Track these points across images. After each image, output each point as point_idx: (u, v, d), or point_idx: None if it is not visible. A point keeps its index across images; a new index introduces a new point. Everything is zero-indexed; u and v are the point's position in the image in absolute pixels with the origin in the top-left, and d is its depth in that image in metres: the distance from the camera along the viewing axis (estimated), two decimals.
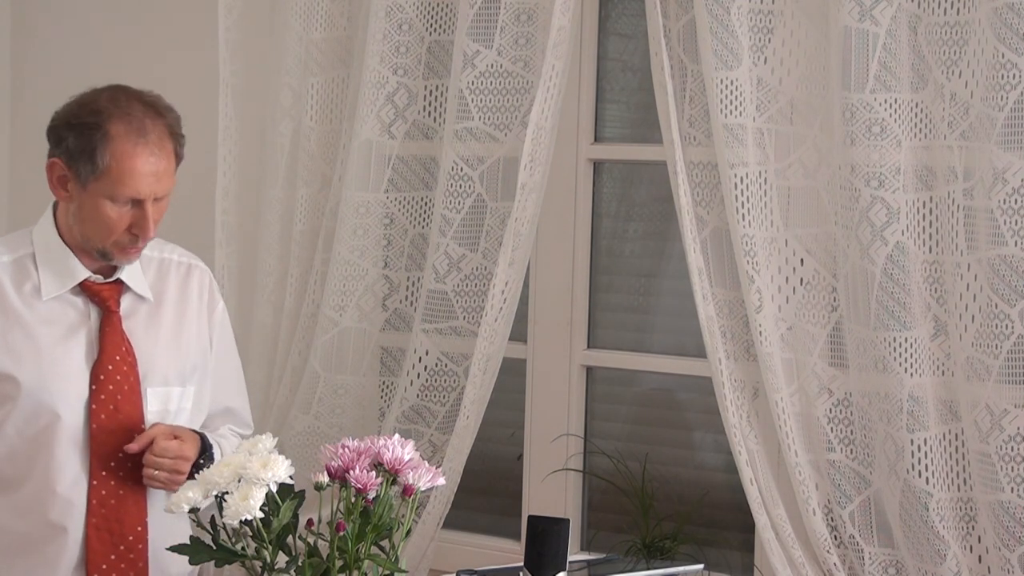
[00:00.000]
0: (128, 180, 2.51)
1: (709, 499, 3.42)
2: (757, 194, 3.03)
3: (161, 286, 2.72)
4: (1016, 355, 2.82)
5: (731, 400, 3.07)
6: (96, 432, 2.59)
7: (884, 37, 2.88)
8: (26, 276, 2.61)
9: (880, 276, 2.91)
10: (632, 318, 3.57)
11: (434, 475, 2.24)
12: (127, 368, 2.62)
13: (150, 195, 2.53)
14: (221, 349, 2.81)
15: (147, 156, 2.52)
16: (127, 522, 2.60)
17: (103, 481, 2.59)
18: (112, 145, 2.50)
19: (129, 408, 2.61)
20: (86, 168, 2.51)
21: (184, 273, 2.76)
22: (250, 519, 2.14)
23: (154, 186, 2.53)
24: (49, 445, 2.58)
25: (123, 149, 2.50)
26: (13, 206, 4.15)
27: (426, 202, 3.46)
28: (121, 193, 2.52)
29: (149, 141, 2.53)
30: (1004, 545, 2.84)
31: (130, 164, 2.51)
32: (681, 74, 3.11)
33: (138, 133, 2.52)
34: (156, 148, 2.53)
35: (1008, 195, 2.79)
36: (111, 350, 2.61)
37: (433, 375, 3.40)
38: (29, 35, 4.10)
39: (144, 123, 2.53)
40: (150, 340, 2.66)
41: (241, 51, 3.58)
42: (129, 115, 2.53)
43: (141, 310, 2.68)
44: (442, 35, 3.41)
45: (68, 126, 2.54)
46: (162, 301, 2.71)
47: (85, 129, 2.51)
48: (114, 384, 2.60)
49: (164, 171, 2.55)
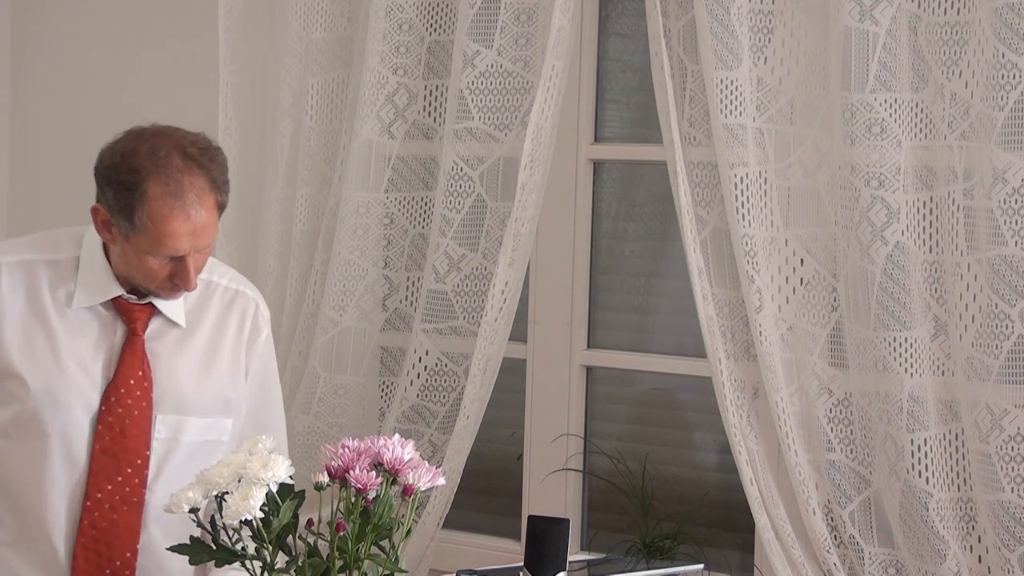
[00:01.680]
0: (165, 240, 2.46)
1: (709, 499, 3.42)
2: (757, 194, 3.03)
3: (201, 310, 2.65)
4: (1016, 355, 2.82)
5: (731, 400, 3.07)
6: (98, 454, 2.55)
7: (884, 37, 2.88)
8: (63, 280, 2.58)
9: (880, 276, 2.91)
10: (632, 318, 3.57)
11: (434, 475, 2.24)
12: (140, 393, 2.57)
13: (189, 251, 2.48)
14: (258, 381, 2.72)
15: (184, 217, 2.45)
16: (116, 546, 2.56)
17: (97, 503, 2.55)
18: (148, 207, 2.44)
19: (135, 433, 2.56)
20: (124, 224, 2.47)
21: (229, 299, 2.68)
22: (250, 519, 2.14)
23: (193, 243, 2.48)
24: (47, 454, 2.55)
25: (159, 212, 2.44)
26: (13, 206, 4.15)
27: (426, 202, 3.46)
28: (159, 252, 2.47)
29: (186, 202, 2.45)
30: (1004, 545, 2.84)
31: (167, 226, 2.45)
32: (681, 74, 3.11)
33: (175, 195, 2.44)
34: (193, 208, 2.45)
35: (1008, 195, 2.79)
36: (127, 372, 2.56)
37: (433, 375, 3.40)
38: (29, 35, 4.10)
39: (182, 182, 2.45)
40: (173, 365, 2.60)
41: (241, 51, 3.58)
42: (167, 174, 2.45)
43: (171, 334, 2.61)
44: (442, 35, 3.41)
45: (108, 181, 2.49)
46: (198, 326, 2.64)
47: (122, 188, 2.46)
48: (124, 408, 2.56)
49: (203, 226, 2.47)
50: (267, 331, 2.73)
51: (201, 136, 2.54)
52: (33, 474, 2.56)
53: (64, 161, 4.08)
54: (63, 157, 4.08)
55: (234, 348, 2.67)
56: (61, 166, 4.09)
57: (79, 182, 4.04)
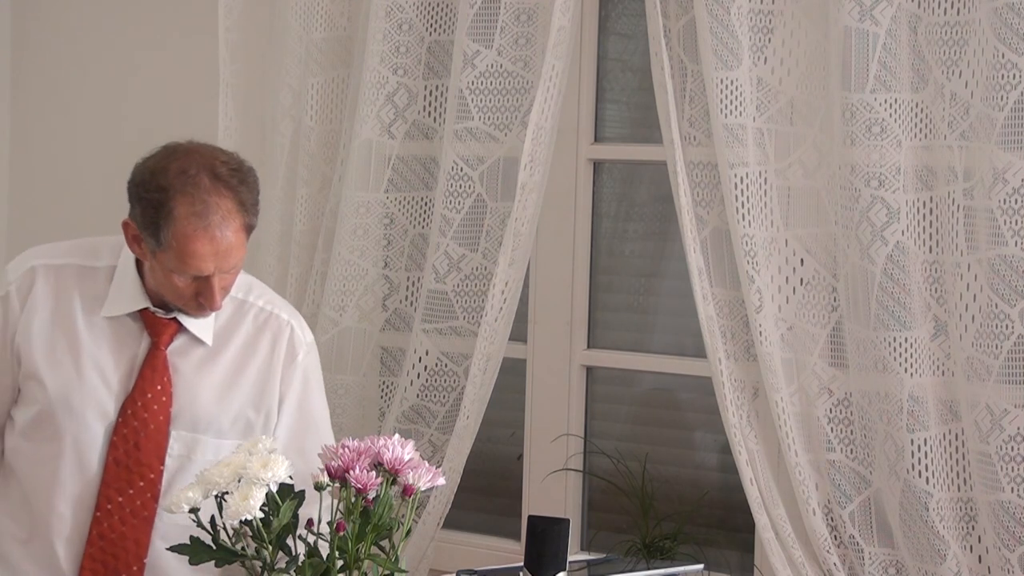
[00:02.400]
0: (189, 260, 2.44)
1: (709, 499, 3.42)
2: (757, 194, 3.03)
3: (231, 329, 2.63)
4: (1016, 355, 2.82)
5: (731, 400, 3.07)
6: (111, 464, 2.55)
7: (884, 37, 2.88)
8: (96, 288, 2.59)
9: (880, 276, 2.91)
10: (632, 318, 3.57)
11: (434, 475, 2.24)
12: (157, 407, 2.56)
13: (214, 271, 2.47)
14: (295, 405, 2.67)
15: (208, 238, 2.43)
16: (124, 559, 2.56)
17: (107, 514, 2.55)
18: (174, 226, 2.43)
19: (150, 447, 2.56)
20: (151, 241, 2.47)
21: (262, 321, 2.64)
22: (250, 519, 2.14)
23: (218, 263, 2.46)
24: (58, 459, 2.56)
25: (184, 232, 2.42)
26: (13, 206, 4.15)
27: (426, 202, 3.46)
28: (183, 271, 2.46)
29: (211, 223, 2.43)
30: (1004, 545, 2.84)
31: (192, 246, 2.43)
32: (681, 74, 3.11)
33: (200, 215, 2.42)
34: (218, 229, 2.43)
35: (1008, 195, 2.79)
36: (146, 386, 2.56)
37: (433, 375, 3.40)
38: (29, 35, 4.09)
39: (208, 203, 2.43)
40: (193, 383, 2.59)
41: (241, 51, 3.58)
42: (193, 194, 2.43)
43: (196, 351, 2.60)
44: (442, 35, 3.41)
45: (137, 197, 2.49)
46: (226, 346, 2.62)
47: (150, 206, 2.45)
48: (139, 421, 2.55)
49: (228, 248, 2.45)
50: (304, 354, 2.67)
51: (234, 156, 2.52)
52: (43, 477, 2.57)
53: (64, 161, 4.08)
54: (63, 157, 4.08)
55: (262, 371, 2.64)
56: (61, 166, 4.09)
57: (79, 182, 4.06)
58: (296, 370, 2.66)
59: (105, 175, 3.97)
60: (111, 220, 3.85)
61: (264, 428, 2.64)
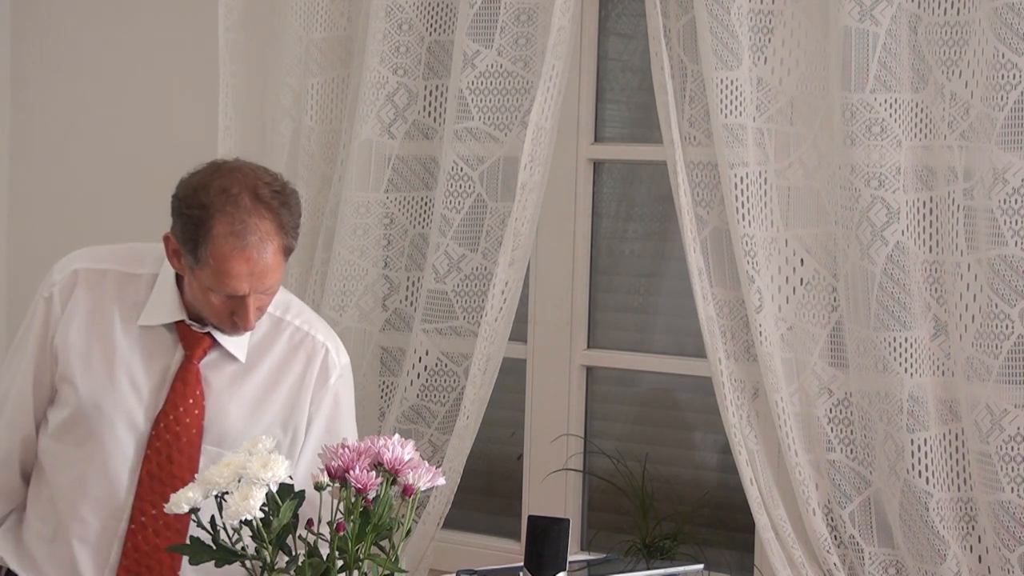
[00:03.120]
0: (225, 279, 2.46)
1: (709, 499, 3.42)
2: (757, 194, 3.03)
3: (266, 347, 2.64)
4: (1016, 355, 2.82)
5: (731, 400, 3.07)
6: (144, 478, 2.57)
7: (884, 37, 2.88)
8: (135, 296, 2.60)
9: (880, 276, 2.91)
10: (632, 318, 3.57)
11: (434, 475, 2.24)
12: (190, 420, 2.57)
13: (249, 291, 2.48)
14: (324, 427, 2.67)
15: (245, 259, 2.44)
16: (156, 570, 2.58)
17: (141, 527, 2.57)
18: (212, 244, 2.44)
19: (182, 460, 2.57)
20: (189, 258, 2.48)
21: (298, 341, 2.66)
22: (250, 519, 2.14)
23: (253, 284, 2.47)
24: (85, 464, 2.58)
25: (222, 251, 2.44)
26: (13, 206, 4.15)
27: (426, 202, 3.46)
28: (219, 289, 2.47)
29: (249, 244, 2.44)
30: (1004, 545, 2.84)
31: (228, 266, 2.44)
32: (681, 74, 3.11)
33: (239, 235, 2.43)
34: (256, 250, 2.44)
35: (1008, 195, 2.79)
36: (178, 400, 2.57)
37: (433, 375, 3.40)
38: (29, 35, 4.09)
39: (248, 223, 2.44)
40: (224, 398, 2.60)
41: (241, 51, 3.57)
42: (233, 214, 2.44)
43: (229, 366, 2.61)
44: (442, 35, 3.41)
45: (179, 212, 2.49)
46: (259, 363, 2.63)
47: (190, 222, 2.46)
48: (172, 435, 2.57)
49: (264, 269, 2.46)
50: (336, 377, 2.68)
51: (278, 178, 2.53)
52: (69, 480, 2.59)
53: (64, 161, 4.08)
54: (63, 157, 4.08)
55: (293, 391, 2.64)
56: (61, 166, 4.09)
57: (79, 182, 4.05)
58: (328, 393, 2.67)
59: (105, 175, 3.99)
60: (111, 220, 3.86)
61: (290, 448, 2.64)
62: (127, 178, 3.91)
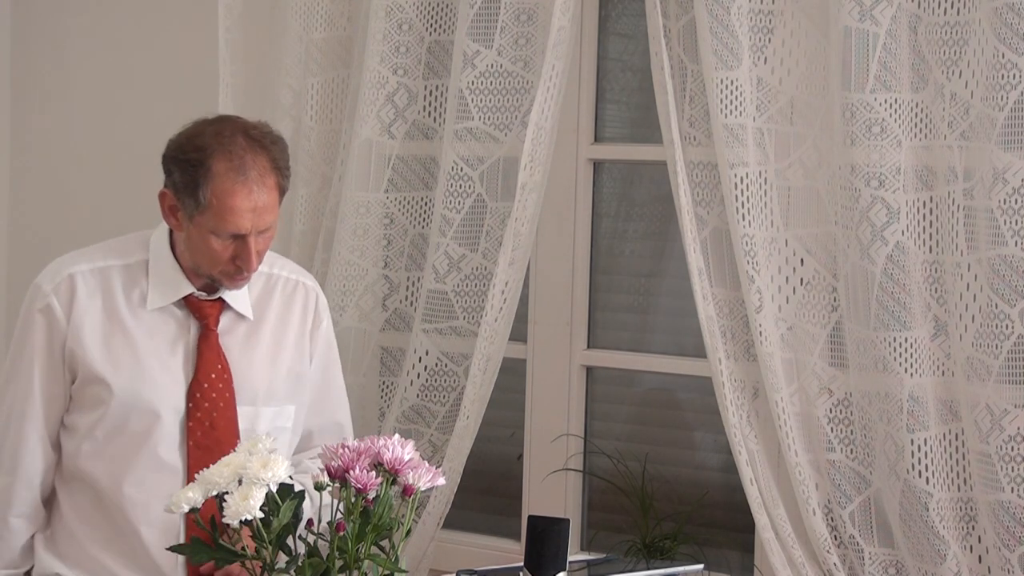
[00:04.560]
0: (228, 217, 2.53)
1: (709, 499, 3.41)
2: (757, 194, 3.03)
3: (265, 302, 2.74)
4: (1016, 355, 2.82)
5: (731, 400, 3.07)
6: (193, 450, 2.63)
7: (884, 37, 2.88)
8: (135, 283, 2.66)
9: (880, 276, 2.91)
10: (632, 318, 3.57)
11: (434, 475, 2.24)
12: (222, 385, 2.65)
13: (251, 230, 2.56)
14: (323, 364, 2.82)
15: (246, 193, 2.54)
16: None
17: None
18: (213, 183, 2.53)
19: (224, 424, 2.64)
20: (190, 203, 2.55)
21: (291, 291, 2.78)
22: (250, 519, 2.14)
23: (255, 221, 2.55)
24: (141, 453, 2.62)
25: (223, 187, 2.53)
26: (14, 206, 4.15)
27: (426, 202, 3.46)
28: (222, 229, 2.54)
29: (249, 178, 2.54)
30: (1004, 545, 2.84)
31: (230, 202, 2.53)
32: (681, 74, 3.12)
33: (238, 170, 2.53)
34: (256, 185, 2.54)
35: (1008, 195, 2.79)
36: (207, 367, 2.64)
37: (433, 375, 3.40)
38: (29, 35, 4.09)
39: (245, 159, 2.54)
40: (245, 358, 2.69)
41: (241, 51, 3.58)
42: (231, 152, 2.54)
43: (240, 328, 2.70)
44: (442, 35, 3.41)
45: (175, 160, 2.58)
46: (263, 318, 2.73)
47: (188, 165, 2.55)
48: (210, 402, 2.64)
49: (265, 206, 2.56)
50: (327, 320, 2.82)
51: (263, 122, 2.66)
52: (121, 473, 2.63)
53: (64, 161, 4.08)
54: (63, 157, 4.08)
55: (298, 336, 2.77)
56: (61, 166, 4.09)
57: (79, 182, 4.05)
58: (321, 336, 2.80)
59: (105, 175, 3.98)
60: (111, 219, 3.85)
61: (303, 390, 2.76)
62: (127, 178, 3.90)
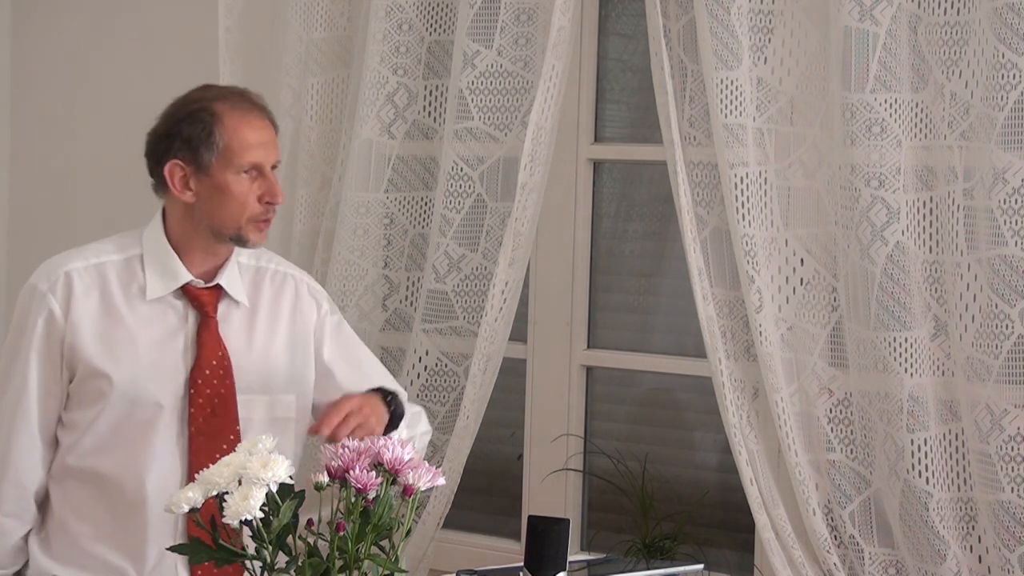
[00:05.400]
0: (247, 149, 2.63)
1: (709, 499, 3.42)
2: (757, 194, 3.03)
3: (255, 293, 2.77)
4: (1016, 355, 2.82)
5: (731, 400, 3.07)
6: (195, 435, 2.65)
7: (884, 37, 2.88)
8: (133, 276, 2.69)
9: (880, 276, 2.91)
10: (632, 318, 3.57)
11: (434, 475, 2.23)
12: (223, 372, 2.67)
13: (268, 161, 2.65)
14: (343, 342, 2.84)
15: (257, 126, 2.65)
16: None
17: None
18: (223, 123, 2.62)
19: (225, 410, 2.67)
20: (206, 154, 2.62)
21: (279, 282, 2.80)
22: (250, 519, 2.14)
23: (270, 151, 2.66)
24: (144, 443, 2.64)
25: (234, 123, 2.63)
26: (13, 206, 4.15)
27: (426, 202, 3.46)
28: (245, 161, 2.62)
29: (253, 114, 2.66)
30: (1004, 545, 2.84)
31: (244, 134, 2.63)
32: (681, 74, 3.12)
33: (243, 109, 2.65)
34: (259, 120, 2.66)
35: (1008, 195, 2.79)
36: (208, 355, 2.67)
37: (433, 375, 3.40)
38: (29, 35, 4.09)
39: (242, 102, 2.66)
40: (241, 347, 2.71)
41: (241, 51, 3.58)
42: (227, 96, 2.67)
43: (236, 316, 2.73)
44: (442, 35, 3.41)
45: (176, 122, 2.65)
46: (257, 308, 2.76)
47: (193, 118, 2.63)
48: (211, 388, 2.66)
49: (271, 139, 2.67)
50: (327, 303, 2.85)
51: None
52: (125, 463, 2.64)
53: (64, 161, 4.08)
54: (63, 157, 4.08)
55: (290, 325, 2.78)
56: (61, 166, 4.09)
57: (79, 182, 4.05)
58: (324, 315, 2.83)
59: (105, 175, 3.98)
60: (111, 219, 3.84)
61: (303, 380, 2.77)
62: (127, 178, 3.90)
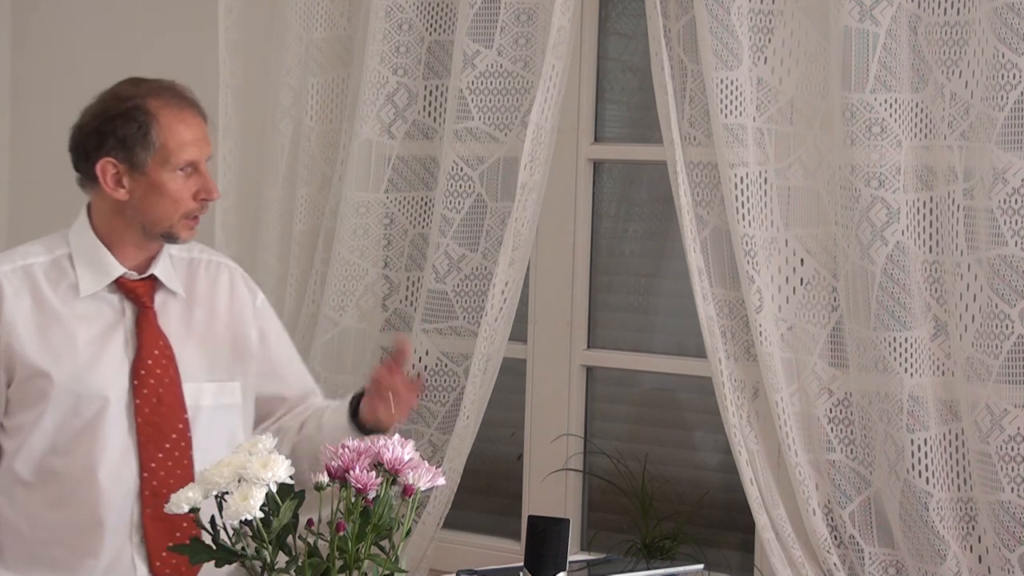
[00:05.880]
0: (181, 147, 2.62)
1: (709, 499, 3.42)
2: (757, 194, 3.03)
3: (191, 284, 2.77)
4: (1016, 355, 2.82)
5: (731, 400, 3.07)
6: (142, 427, 2.65)
7: (884, 37, 2.88)
8: (63, 275, 2.68)
9: (880, 276, 2.91)
10: (632, 318, 3.57)
11: (434, 475, 2.24)
12: (166, 362, 2.68)
13: (202, 157, 2.65)
14: (275, 335, 2.88)
15: (191, 123, 2.64)
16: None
17: (153, 472, 2.65)
18: (157, 120, 2.62)
19: (171, 399, 2.67)
20: (141, 153, 2.62)
21: (213, 271, 2.81)
22: (250, 519, 2.14)
23: (203, 147, 2.65)
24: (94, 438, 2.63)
25: (168, 121, 2.62)
26: (13, 206, 4.15)
27: (426, 202, 3.46)
28: (180, 159, 2.62)
29: (185, 110, 2.65)
30: (1004, 545, 2.84)
31: (179, 131, 2.62)
32: (681, 74, 3.12)
33: (175, 105, 2.64)
34: (191, 115, 2.65)
35: (1008, 195, 2.80)
36: (149, 345, 2.67)
37: (433, 375, 3.40)
38: (29, 35, 4.09)
39: (173, 97, 2.66)
40: (181, 336, 2.72)
41: (241, 51, 3.58)
42: (158, 91, 2.66)
43: (173, 307, 2.73)
44: (442, 35, 3.41)
45: (108, 120, 2.65)
46: (193, 299, 2.76)
47: (127, 116, 2.63)
48: (155, 378, 2.66)
49: (204, 134, 2.67)
50: (260, 292, 2.87)
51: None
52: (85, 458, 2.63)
53: (64, 161, 4.07)
54: (63, 157, 4.07)
55: (228, 313, 2.79)
56: (61, 166, 4.08)
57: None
58: (260, 305, 2.86)
59: None
60: None
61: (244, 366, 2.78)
62: None
